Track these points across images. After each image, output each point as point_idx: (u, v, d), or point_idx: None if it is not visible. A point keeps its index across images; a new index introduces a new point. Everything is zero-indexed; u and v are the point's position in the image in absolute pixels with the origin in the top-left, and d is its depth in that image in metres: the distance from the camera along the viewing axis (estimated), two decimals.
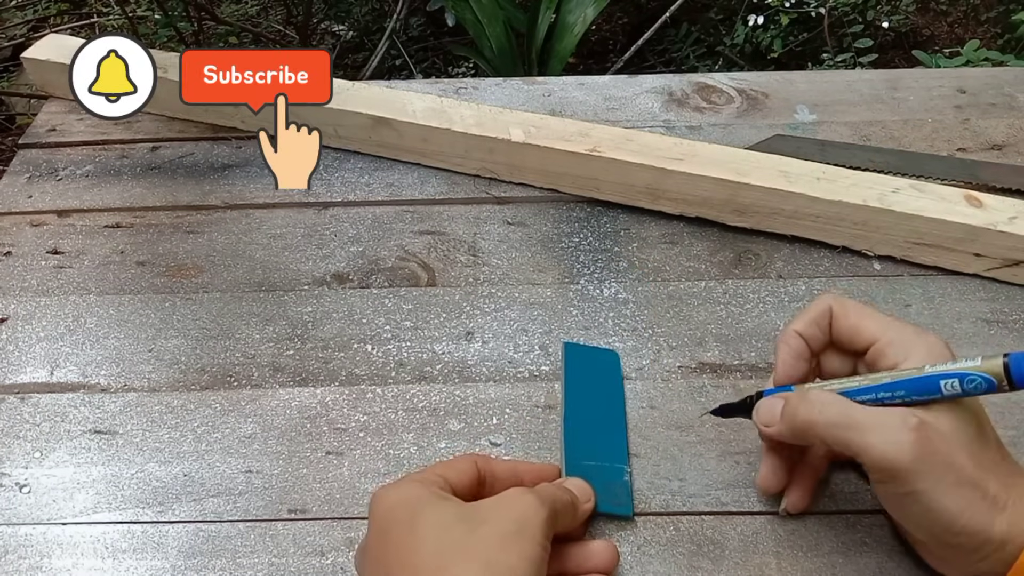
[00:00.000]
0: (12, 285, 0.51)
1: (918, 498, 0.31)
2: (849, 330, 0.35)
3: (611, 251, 0.52)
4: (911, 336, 0.34)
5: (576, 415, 0.42)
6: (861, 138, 0.58)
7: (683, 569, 0.37)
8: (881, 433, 0.31)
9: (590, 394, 0.43)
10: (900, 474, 0.31)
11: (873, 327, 0.35)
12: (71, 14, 1.77)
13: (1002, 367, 0.30)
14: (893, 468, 0.31)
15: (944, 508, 0.30)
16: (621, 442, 0.41)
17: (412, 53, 1.67)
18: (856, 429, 0.32)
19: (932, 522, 0.31)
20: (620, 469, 0.40)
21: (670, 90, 0.64)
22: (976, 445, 0.31)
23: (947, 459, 0.31)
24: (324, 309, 0.49)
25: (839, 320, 0.36)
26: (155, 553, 0.38)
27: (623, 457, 0.40)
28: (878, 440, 0.31)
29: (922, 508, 0.31)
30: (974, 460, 0.31)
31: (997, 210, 0.47)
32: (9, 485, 0.41)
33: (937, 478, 0.30)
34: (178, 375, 0.46)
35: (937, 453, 0.31)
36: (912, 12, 1.63)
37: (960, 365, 0.31)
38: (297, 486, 0.41)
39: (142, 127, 0.62)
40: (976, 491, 0.30)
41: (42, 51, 0.62)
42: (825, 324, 0.36)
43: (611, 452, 0.40)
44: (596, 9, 1.35)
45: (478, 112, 0.55)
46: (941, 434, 0.31)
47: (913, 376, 0.32)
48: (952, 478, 0.30)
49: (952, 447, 0.31)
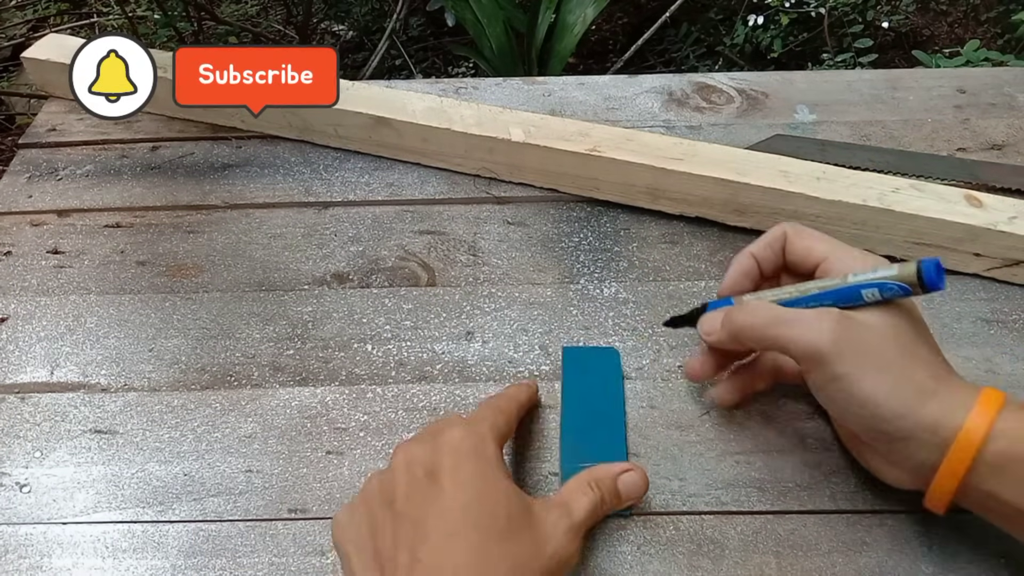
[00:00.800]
0: (12, 285, 0.51)
1: (841, 383, 0.32)
2: (802, 251, 0.38)
3: (611, 251, 0.52)
4: (856, 254, 0.36)
5: (573, 417, 0.42)
6: (861, 138, 0.58)
7: (683, 569, 0.37)
8: (803, 324, 0.34)
9: (588, 395, 0.43)
10: (822, 358, 0.33)
11: (822, 247, 0.37)
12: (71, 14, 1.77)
13: (915, 273, 0.32)
14: (815, 352, 0.33)
15: (867, 392, 0.32)
16: (620, 441, 0.41)
17: (412, 53, 1.67)
18: (784, 325, 0.34)
19: (859, 407, 0.33)
20: None
21: (670, 90, 0.64)
22: (905, 340, 0.33)
23: (867, 346, 0.32)
24: (324, 309, 0.49)
25: (793, 242, 0.38)
26: (155, 553, 0.38)
27: (622, 456, 0.40)
28: (801, 331, 0.33)
29: (846, 394, 0.33)
30: (900, 352, 0.33)
31: (997, 210, 0.47)
32: (9, 485, 0.41)
33: (857, 363, 0.32)
34: (178, 375, 0.46)
35: (857, 340, 0.33)
36: (912, 12, 1.63)
37: (879, 274, 0.34)
38: (297, 486, 0.41)
39: (142, 127, 0.62)
40: (900, 377, 0.32)
41: (42, 51, 0.62)
42: (779, 247, 0.39)
43: (610, 452, 0.40)
44: (596, 9, 1.35)
45: (478, 112, 0.55)
46: (862, 325, 0.33)
47: (838, 286, 0.35)
48: (874, 363, 0.32)
49: (874, 337, 0.33)
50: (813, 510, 0.39)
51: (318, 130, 0.59)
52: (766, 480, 0.40)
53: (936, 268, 0.32)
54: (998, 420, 0.31)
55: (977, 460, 0.31)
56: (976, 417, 0.31)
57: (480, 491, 0.32)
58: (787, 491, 0.39)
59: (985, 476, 0.31)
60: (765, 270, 0.40)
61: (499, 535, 0.31)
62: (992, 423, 0.31)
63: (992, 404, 0.31)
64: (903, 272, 0.33)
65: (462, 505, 0.31)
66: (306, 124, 0.59)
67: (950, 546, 0.36)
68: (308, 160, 0.59)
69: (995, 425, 0.31)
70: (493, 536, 0.31)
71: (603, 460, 0.39)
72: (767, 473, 0.40)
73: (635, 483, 0.37)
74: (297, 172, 0.58)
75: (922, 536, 0.37)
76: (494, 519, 0.31)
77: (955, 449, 0.31)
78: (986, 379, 0.44)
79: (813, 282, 0.36)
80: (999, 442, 0.30)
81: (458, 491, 0.32)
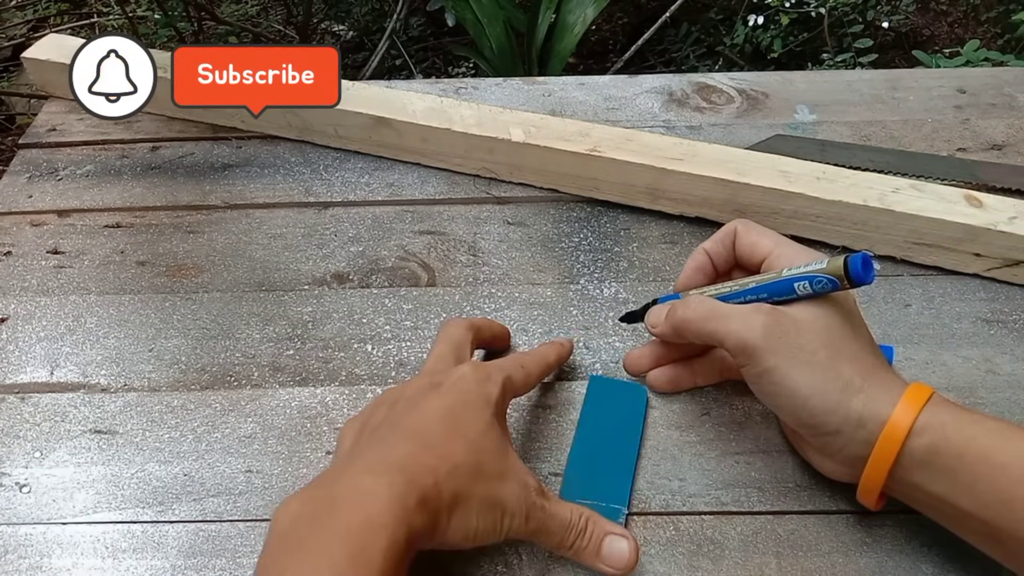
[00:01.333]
0: (12, 285, 0.51)
1: (771, 375, 0.34)
2: (749, 246, 0.39)
3: (611, 251, 0.52)
4: (799, 249, 0.38)
5: (583, 451, 0.41)
6: (861, 138, 0.58)
7: (683, 569, 0.37)
8: (737, 318, 0.35)
9: (603, 429, 0.42)
10: (752, 351, 0.34)
11: (767, 242, 0.39)
12: (71, 14, 1.77)
13: (842, 267, 0.33)
14: (746, 346, 0.34)
15: (795, 385, 0.33)
16: (625, 482, 0.40)
17: (412, 53, 1.67)
18: (719, 319, 0.36)
19: (787, 399, 0.34)
20: (616, 510, 0.38)
21: (670, 90, 0.64)
22: (835, 335, 0.34)
23: (797, 341, 0.34)
24: (324, 309, 0.49)
25: (741, 238, 0.40)
26: (155, 553, 0.38)
27: (623, 498, 0.39)
28: (735, 325, 0.35)
29: (776, 387, 0.34)
30: (829, 347, 0.34)
31: (997, 210, 0.47)
32: (9, 485, 0.41)
33: (786, 357, 0.33)
34: (178, 375, 0.46)
35: (787, 335, 0.34)
36: (912, 12, 1.63)
37: (810, 268, 0.35)
38: (297, 486, 0.40)
39: (142, 127, 0.62)
40: (828, 372, 0.33)
41: (42, 51, 0.62)
42: (730, 243, 0.40)
43: (611, 492, 0.39)
44: (596, 9, 1.35)
45: (478, 112, 0.55)
46: (793, 320, 0.35)
47: (773, 280, 0.36)
48: (802, 358, 0.33)
49: (804, 332, 0.34)
50: (813, 510, 0.39)
51: (318, 130, 0.59)
52: (766, 480, 0.40)
53: (863, 262, 0.33)
54: (922, 414, 0.32)
55: (902, 454, 0.32)
56: (900, 412, 0.32)
57: (467, 404, 0.35)
58: (787, 491, 0.39)
59: (911, 469, 0.32)
60: (718, 265, 0.41)
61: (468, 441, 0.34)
62: (916, 417, 0.32)
63: (917, 399, 0.32)
64: (831, 266, 0.34)
65: (446, 406, 0.35)
66: (306, 124, 0.59)
67: (950, 546, 0.36)
68: (308, 160, 0.59)
69: (919, 420, 0.32)
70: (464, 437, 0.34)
71: (602, 500, 0.38)
72: (767, 473, 0.40)
73: (621, 551, 0.35)
74: (297, 172, 0.58)
75: (922, 536, 0.37)
76: (469, 429, 0.34)
77: (880, 443, 0.32)
78: (986, 379, 0.44)
79: (752, 277, 0.38)
80: (923, 436, 0.32)
81: (449, 397, 0.35)
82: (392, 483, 0.30)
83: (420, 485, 0.31)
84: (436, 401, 0.35)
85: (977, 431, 0.31)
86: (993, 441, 0.31)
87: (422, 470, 0.31)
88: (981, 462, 0.31)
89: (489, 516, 0.33)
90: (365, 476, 0.31)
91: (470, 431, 0.34)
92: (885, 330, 0.46)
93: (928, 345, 0.45)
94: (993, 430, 0.31)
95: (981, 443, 0.31)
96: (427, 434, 0.33)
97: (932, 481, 0.32)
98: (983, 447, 0.31)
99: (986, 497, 0.31)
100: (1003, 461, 0.30)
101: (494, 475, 0.33)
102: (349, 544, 0.28)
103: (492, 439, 0.34)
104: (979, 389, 0.43)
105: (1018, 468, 0.30)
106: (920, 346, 0.45)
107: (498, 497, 0.33)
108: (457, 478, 0.32)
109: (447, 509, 0.31)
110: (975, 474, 0.31)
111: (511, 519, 0.33)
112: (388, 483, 0.30)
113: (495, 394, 0.36)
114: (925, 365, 0.44)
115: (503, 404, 0.37)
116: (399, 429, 0.34)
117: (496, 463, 0.34)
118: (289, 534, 0.29)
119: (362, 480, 0.30)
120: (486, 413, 0.35)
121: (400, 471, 0.31)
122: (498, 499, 0.33)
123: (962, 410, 0.33)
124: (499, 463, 0.34)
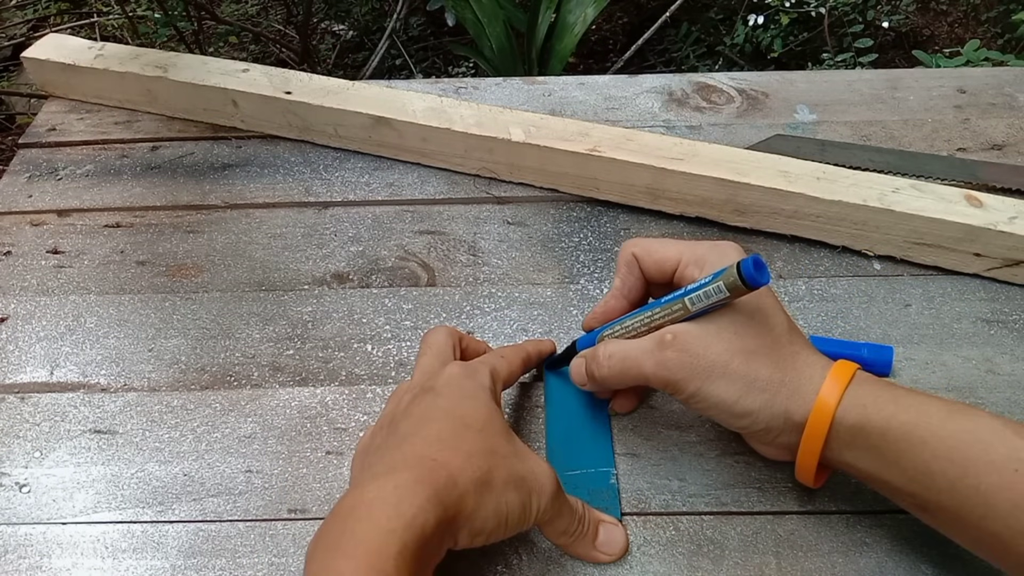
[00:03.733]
0: (12, 285, 0.51)
1: (696, 399, 0.35)
2: (654, 265, 0.39)
3: (611, 251, 0.52)
4: (705, 251, 0.37)
5: (557, 429, 0.42)
6: (861, 138, 0.58)
7: (683, 569, 0.37)
8: (649, 361, 0.35)
9: (571, 404, 0.43)
10: (675, 385, 0.35)
11: (671, 253, 0.38)
12: (71, 14, 1.77)
13: (736, 274, 0.33)
14: (668, 383, 0.35)
15: (719, 399, 0.34)
16: (606, 446, 0.41)
17: (412, 53, 1.67)
18: (634, 367, 0.36)
19: (717, 411, 0.35)
20: (606, 473, 0.40)
21: (670, 90, 0.63)
22: (745, 340, 0.35)
23: (708, 360, 0.34)
24: (324, 309, 0.49)
25: (644, 262, 0.39)
26: (155, 553, 0.38)
27: (608, 460, 0.40)
28: (648, 368, 0.35)
29: (705, 404, 0.35)
30: (741, 353, 0.34)
31: (997, 210, 0.47)
32: (9, 485, 0.41)
33: (704, 379, 0.34)
34: (178, 375, 0.46)
35: (697, 358, 0.34)
36: (912, 12, 1.63)
37: (704, 281, 0.34)
38: (297, 486, 0.41)
39: (142, 127, 0.62)
40: (745, 379, 0.34)
41: (42, 51, 0.62)
42: (636, 270, 0.40)
43: (596, 458, 0.40)
44: (596, 9, 1.35)
45: (478, 112, 0.55)
46: (700, 339, 0.35)
47: (669, 297, 0.36)
48: (718, 374, 0.34)
49: (711, 348, 0.34)
50: (813, 510, 0.39)
51: (318, 130, 0.59)
52: (766, 480, 0.40)
53: (755, 264, 0.32)
54: (844, 398, 0.33)
55: (829, 437, 0.34)
56: (823, 398, 0.34)
57: (464, 396, 0.35)
58: (787, 491, 0.39)
59: (840, 450, 0.34)
60: (633, 297, 0.40)
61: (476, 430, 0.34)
62: (838, 403, 0.33)
63: (839, 382, 0.34)
64: (725, 275, 0.33)
65: (445, 404, 0.35)
66: (306, 124, 0.59)
67: (950, 546, 0.35)
68: (308, 160, 0.59)
69: (841, 404, 0.33)
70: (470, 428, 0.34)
71: (590, 467, 0.39)
72: (767, 473, 0.40)
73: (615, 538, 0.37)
74: (297, 172, 0.58)
75: (922, 536, 0.37)
76: (473, 419, 0.34)
77: (807, 431, 0.34)
78: (986, 379, 0.44)
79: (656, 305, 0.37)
80: (847, 418, 0.33)
81: (445, 396, 0.35)
82: (397, 484, 0.30)
83: (430, 481, 0.30)
84: (433, 402, 0.35)
85: (896, 408, 0.33)
86: (911, 417, 0.32)
87: (432, 466, 0.31)
88: (903, 439, 0.32)
89: (516, 494, 0.33)
90: (370, 485, 0.31)
91: (475, 420, 0.34)
92: (885, 330, 0.46)
93: (928, 345, 0.45)
94: (911, 406, 0.33)
95: (901, 419, 0.32)
96: (431, 433, 0.34)
97: (860, 459, 0.34)
98: (903, 423, 0.32)
99: (910, 472, 0.32)
100: (922, 436, 0.32)
101: (510, 454, 0.34)
102: (357, 559, 0.28)
103: (497, 423, 0.35)
104: (979, 389, 0.43)
105: (934, 442, 0.32)
106: (920, 346, 0.45)
107: (520, 474, 0.33)
108: (473, 465, 0.32)
109: (472, 496, 0.31)
110: (898, 451, 0.32)
111: (539, 497, 0.33)
112: (394, 485, 0.30)
113: (487, 383, 0.37)
114: (925, 365, 0.44)
115: (497, 392, 0.37)
116: (399, 436, 0.34)
117: (508, 445, 0.34)
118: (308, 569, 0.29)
119: (367, 490, 0.30)
120: (485, 401, 0.36)
121: (405, 470, 0.31)
122: (521, 476, 0.33)
123: (881, 388, 0.34)
124: (511, 444, 0.34)
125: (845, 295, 0.48)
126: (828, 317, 0.47)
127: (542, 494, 0.34)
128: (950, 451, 0.31)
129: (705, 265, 0.37)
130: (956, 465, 0.31)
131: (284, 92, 0.57)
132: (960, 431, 0.32)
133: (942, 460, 0.31)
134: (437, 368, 0.38)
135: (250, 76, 0.59)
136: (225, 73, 0.59)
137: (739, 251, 0.37)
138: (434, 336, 0.40)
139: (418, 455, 0.32)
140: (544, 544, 0.38)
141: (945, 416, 0.32)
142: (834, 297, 0.48)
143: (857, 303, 0.48)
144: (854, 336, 0.46)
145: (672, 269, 0.38)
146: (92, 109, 0.64)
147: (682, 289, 0.36)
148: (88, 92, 0.63)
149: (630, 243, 0.40)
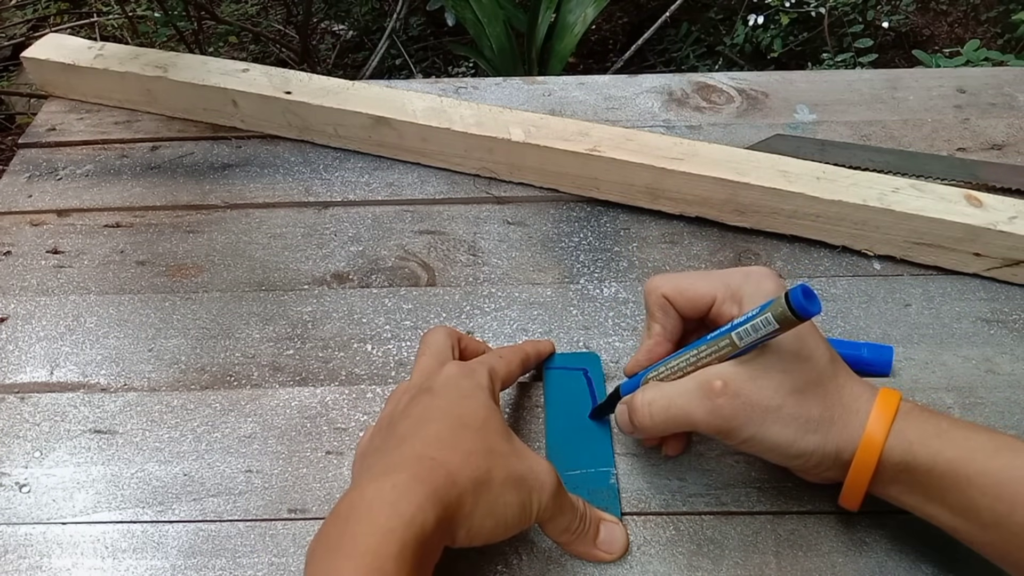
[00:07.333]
0: (12, 285, 0.51)
1: (752, 443, 0.34)
2: (687, 304, 0.38)
3: (611, 251, 0.52)
4: (739, 283, 0.36)
5: (557, 429, 0.42)
6: (861, 138, 0.58)
7: (683, 569, 0.37)
8: (698, 409, 0.34)
9: (571, 404, 0.42)
10: (726, 432, 0.35)
11: (704, 290, 0.37)
12: (71, 13, 1.77)
13: (784, 304, 0.31)
14: (721, 431, 0.35)
15: (775, 443, 0.34)
16: (606, 445, 0.41)
17: (412, 53, 1.67)
18: (681, 416, 0.35)
19: (772, 454, 0.35)
20: (606, 473, 0.40)
21: (670, 90, 0.63)
22: (794, 378, 0.34)
23: (760, 405, 0.34)
24: (324, 309, 0.49)
25: (677, 301, 0.38)
26: (155, 553, 0.38)
27: (608, 460, 0.40)
28: (698, 416, 0.35)
29: (758, 447, 0.35)
30: (792, 393, 0.34)
31: (997, 210, 0.47)
32: (9, 485, 0.41)
33: (758, 424, 0.34)
34: (178, 375, 0.46)
35: (748, 404, 0.34)
36: (912, 12, 1.63)
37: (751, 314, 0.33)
38: (297, 486, 0.41)
39: (142, 127, 0.62)
40: (798, 422, 0.34)
41: (42, 51, 0.62)
42: (672, 311, 0.38)
43: (596, 457, 0.40)
44: (596, 9, 1.35)
45: (478, 112, 0.55)
46: (750, 383, 0.34)
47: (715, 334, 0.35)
48: (772, 418, 0.34)
49: (762, 392, 0.34)
50: (813, 510, 0.39)
51: (318, 130, 0.59)
52: (766, 480, 0.40)
53: (804, 293, 0.31)
54: (891, 435, 0.33)
55: (876, 473, 0.33)
56: (870, 435, 0.33)
57: (462, 396, 0.36)
58: (787, 491, 0.39)
59: (885, 485, 0.34)
60: (677, 337, 0.39)
61: (474, 430, 0.34)
62: (885, 438, 0.33)
63: (885, 415, 0.34)
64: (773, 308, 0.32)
65: (443, 404, 0.35)
66: (306, 124, 0.59)
67: (950, 546, 0.35)
68: (308, 160, 0.59)
69: (888, 440, 0.33)
70: (469, 427, 0.34)
71: (589, 467, 0.39)
72: (767, 473, 0.40)
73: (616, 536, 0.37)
74: (297, 172, 0.58)
75: (922, 536, 0.37)
76: (471, 418, 0.34)
77: (854, 469, 0.34)
78: (986, 379, 0.44)
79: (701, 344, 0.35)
80: (894, 455, 0.33)
81: (443, 396, 0.36)
82: (396, 484, 0.30)
83: (429, 480, 0.30)
84: (431, 402, 0.35)
85: (942, 444, 0.33)
86: (957, 454, 0.32)
87: (431, 465, 0.31)
88: (948, 476, 0.32)
89: (515, 493, 0.33)
90: (369, 485, 0.31)
91: (473, 420, 0.34)
92: (885, 330, 0.46)
93: (928, 345, 0.45)
94: (957, 441, 0.33)
95: (947, 456, 0.32)
96: (430, 433, 0.34)
97: (905, 494, 0.34)
98: (948, 460, 0.32)
99: (956, 508, 0.32)
100: (967, 474, 0.32)
101: (509, 453, 0.34)
102: (356, 559, 0.28)
103: (496, 423, 0.35)
104: (979, 389, 0.43)
105: (980, 480, 0.31)
106: (920, 346, 0.45)
107: (518, 473, 0.33)
108: (472, 464, 0.32)
109: (471, 495, 0.31)
110: (943, 487, 0.32)
111: (539, 495, 0.33)
112: (392, 485, 0.30)
113: (485, 383, 0.37)
114: (925, 365, 0.44)
115: (495, 392, 0.37)
116: (398, 437, 0.34)
117: (506, 444, 0.34)
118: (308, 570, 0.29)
119: (366, 490, 0.30)
120: (483, 400, 0.36)
121: (404, 470, 0.31)
122: (519, 475, 0.33)
123: (926, 420, 0.34)
124: (509, 444, 0.34)
125: (845, 295, 0.48)
126: (828, 317, 0.47)
127: (542, 492, 0.34)
128: (997, 488, 0.31)
129: (743, 299, 0.36)
130: (1003, 502, 0.31)
131: (284, 92, 0.58)
132: (1007, 467, 0.31)
133: (989, 497, 0.31)
134: (435, 368, 0.38)
135: (250, 76, 0.59)
136: (225, 73, 0.59)
137: (773, 277, 0.36)
138: (433, 336, 0.40)
139: (416, 455, 0.32)
140: (544, 544, 0.38)
141: (992, 452, 0.32)
142: (834, 297, 0.48)
143: (857, 303, 0.48)
144: (854, 336, 0.46)
145: (707, 307, 0.37)
146: (92, 109, 0.64)
147: (728, 324, 0.34)
148: (88, 92, 0.63)
149: (656, 283, 0.38)
